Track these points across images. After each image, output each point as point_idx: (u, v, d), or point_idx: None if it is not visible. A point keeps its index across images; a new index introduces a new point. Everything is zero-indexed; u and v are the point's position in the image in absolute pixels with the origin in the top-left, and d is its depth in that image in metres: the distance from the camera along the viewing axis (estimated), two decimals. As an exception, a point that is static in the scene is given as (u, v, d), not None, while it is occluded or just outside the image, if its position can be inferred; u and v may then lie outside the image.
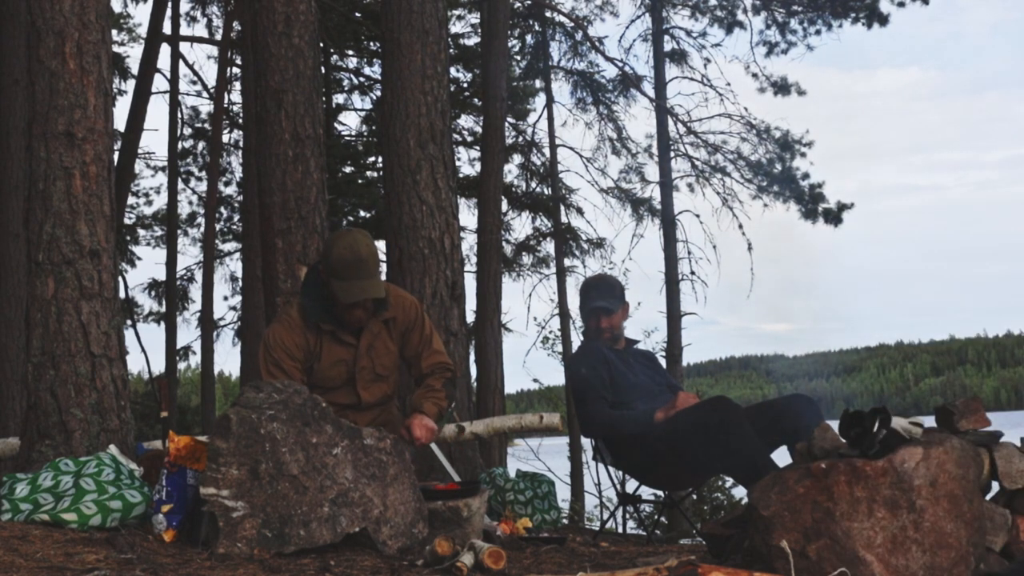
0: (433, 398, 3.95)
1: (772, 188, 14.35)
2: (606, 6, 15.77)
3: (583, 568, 3.05)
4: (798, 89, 14.60)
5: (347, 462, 3.23)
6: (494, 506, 4.75)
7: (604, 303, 4.60)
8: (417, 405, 3.92)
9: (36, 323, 4.48)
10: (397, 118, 6.11)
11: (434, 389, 3.98)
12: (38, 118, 4.61)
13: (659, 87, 14.76)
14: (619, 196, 15.50)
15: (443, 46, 6.34)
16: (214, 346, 16.24)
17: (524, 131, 16.30)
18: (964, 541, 2.59)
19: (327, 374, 3.88)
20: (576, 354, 4.83)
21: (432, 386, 3.99)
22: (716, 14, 14.74)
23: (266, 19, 5.78)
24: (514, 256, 15.96)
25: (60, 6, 4.65)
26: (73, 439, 4.36)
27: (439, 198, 6.05)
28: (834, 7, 13.87)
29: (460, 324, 6.09)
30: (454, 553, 2.89)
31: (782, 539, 2.55)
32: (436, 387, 3.99)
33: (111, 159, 4.82)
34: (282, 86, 5.71)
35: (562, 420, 6.09)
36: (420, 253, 5.95)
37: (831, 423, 2.96)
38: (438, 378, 4.02)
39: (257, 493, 3.06)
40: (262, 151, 5.82)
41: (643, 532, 6.28)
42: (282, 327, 3.88)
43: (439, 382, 4.01)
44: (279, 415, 3.17)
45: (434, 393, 3.97)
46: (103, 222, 4.63)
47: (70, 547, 2.93)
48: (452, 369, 4.10)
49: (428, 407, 3.91)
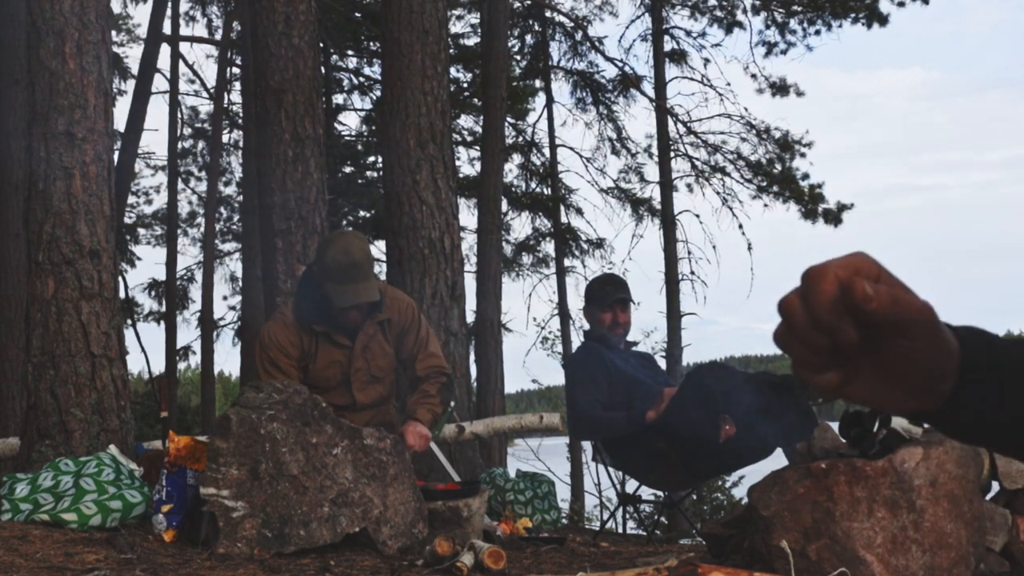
0: (427, 404, 3.93)
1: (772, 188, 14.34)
2: (606, 6, 15.77)
3: (583, 568, 3.05)
4: (797, 90, 14.60)
5: (347, 462, 3.23)
6: (494, 506, 4.75)
7: (624, 295, 4.61)
8: (411, 412, 3.91)
9: (36, 323, 4.48)
10: (397, 118, 6.11)
11: (428, 395, 3.96)
12: (38, 118, 4.61)
13: (659, 87, 14.75)
14: (619, 196, 15.50)
15: (443, 46, 6.34)
16: (214, 346, 16.26)
17: (524, 131, 16.30)
18: (964, 541, 2.59)
19: (322, 375, 3.88)
20: (574, 355, 4.83)
21: (427, 392, 3.97)
22: (716, 14, 14.73)
23: (266, 19, 5.78)
24: (514, 256, 15.95)
25: (60, 6, 4.65)
26: (73, 439, 4.36)
27: (439, 198, 6.05)
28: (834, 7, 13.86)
29: (460, 324, 6.09)
30: (454, 553, 2.89)
31: (782, 539, 2.55)
32: (431, 393, 3.97)
33: (111, 159, 4.82)
34: (282, 86, 5.71)
35: (562, 420, 6.09)
36: (420, 253, 5.95)
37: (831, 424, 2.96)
38: (433, 383, 4.00)
39: (257, 493, 3.06)
40: (262, 151, 5.82)
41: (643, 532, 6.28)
42: (277, 325, 3.88)
43: (434, 387, 3.99)
44: (279, 415, 3.17)
45: (428, 399, 3.95)
46: (103, 222, 4.63)
47: (70, 547, 2.93)
48: (448, 373, 4.08)
49: (422, 414, 3.89)
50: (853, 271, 0.68)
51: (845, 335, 0.69)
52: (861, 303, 0.67)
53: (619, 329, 4.60)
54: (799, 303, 0.69)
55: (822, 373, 0.71)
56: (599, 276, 4.98)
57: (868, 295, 0.67)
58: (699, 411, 3.98)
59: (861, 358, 0.72)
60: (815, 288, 0.68)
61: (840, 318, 0.68)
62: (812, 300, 0.68)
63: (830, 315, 0.68)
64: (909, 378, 0.73)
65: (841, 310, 0.68)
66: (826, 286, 0.68)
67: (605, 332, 4.60)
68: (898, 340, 0.70)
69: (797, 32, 14.43)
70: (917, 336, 0.70)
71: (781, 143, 14.42)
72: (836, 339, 0.69)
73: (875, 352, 0.71)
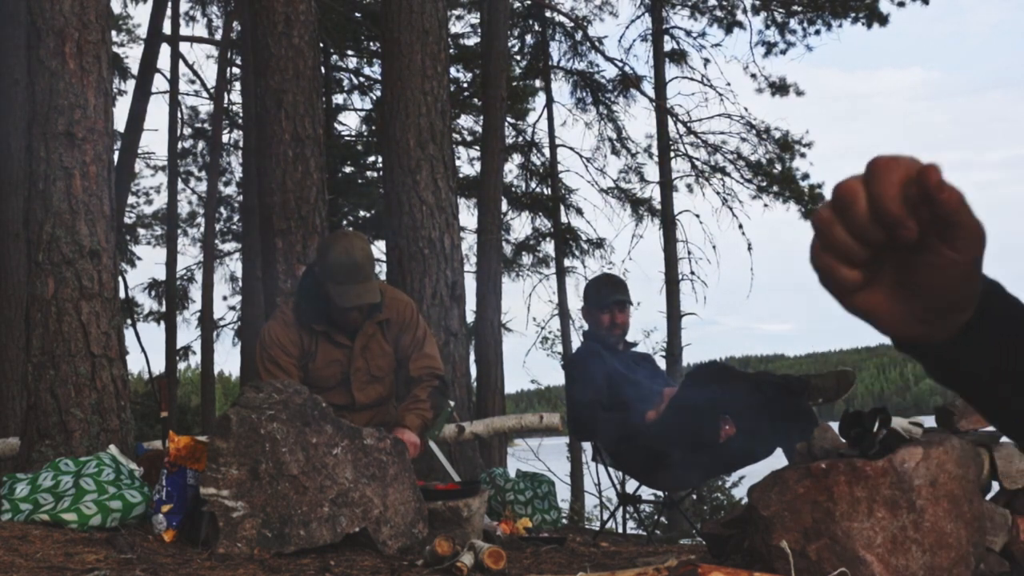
0: (416, 410, 3.93)
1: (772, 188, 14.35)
2: (606, 6, 15.78)
3: (583, 568, 3.05)
4: (797, 90, 14.61)
5: (347, 462, 3.23)
6: (494, 506, 4.75)
7: (622, 296, 4.60)
8: (399, 419, 3.91)
9: (36, 323, 4.48)
10: (397, 118, 6.11)
11: (419, 400, 3.96)
12: (38, 118, 4.61)
13: (659, 87, 14.76)
14: (619, 196, 15.51)
15: (443, 46, 6.35)
16: (214, 346, 16.26)
17: (524, 131, 16.30)
18: (964, 541, 2.59)
19: (321, 374, 3.88)
20: (573, 356, 4.83)
21: (417, 396, 3.97)
22: (716, 14, 14.74)
23: (266, 19, 5.78)
24: (514, 256, 15.95)
25: (60, 6, 4.65)
26: (73, 439, 4.36)
27: (439, 198, 6.05)
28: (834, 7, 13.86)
29: (460, 324, 6.09)
30: (454, 553, 2.89)
31: (782, 539, 2.55)
32: (421, 398, 3.96)
33: (111, 159, 4.82)
34: (282, 86, 5.71)
35: (562, 420, 6.09)
36: (420, 253, 5.95)
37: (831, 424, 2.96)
38: (424, 387, 3.99)
39: (257, 493, 3.06)
40: (262, 151, 5.82)
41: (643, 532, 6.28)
42: (278, 324, 3.89)
43: (425, 392, 3.98)
44: (279, 415, 3.17)
45: (418, 404, 3.95)
46: (103, 222, 4.63)
47: (70, 547, 2.93)
48: (441, 376, 4.07)
49: (411, 420, 3.89)
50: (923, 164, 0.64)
51: (908, 230, 0.64)
52: (935, 192, 0.63)
53: (617, 330, 4.60)
54: (863, 189, 0.64)
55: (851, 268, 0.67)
56: (597, 277, 4.97)
57: (944, 183, 0.63)
58: (699, 411, 3.99)
59: (888, 264, 0.68)
60: (886, 175, 0.64)
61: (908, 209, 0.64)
62: (880, 188, 0.64)
63: (898, 205, 0.64)
64: (935, 296, 0.68)
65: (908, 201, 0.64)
66: (899, 174, 0.63)
67: (604, 333, 4.60)
68: (946, 248, 0.65)
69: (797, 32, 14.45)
70: (967, 248, 0.65)
71: (781, 143, 14.42)
72: (896, 233, 0.65)
73: (908, 260, 0.67)
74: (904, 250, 0.66)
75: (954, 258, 0.66)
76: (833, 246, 0.66)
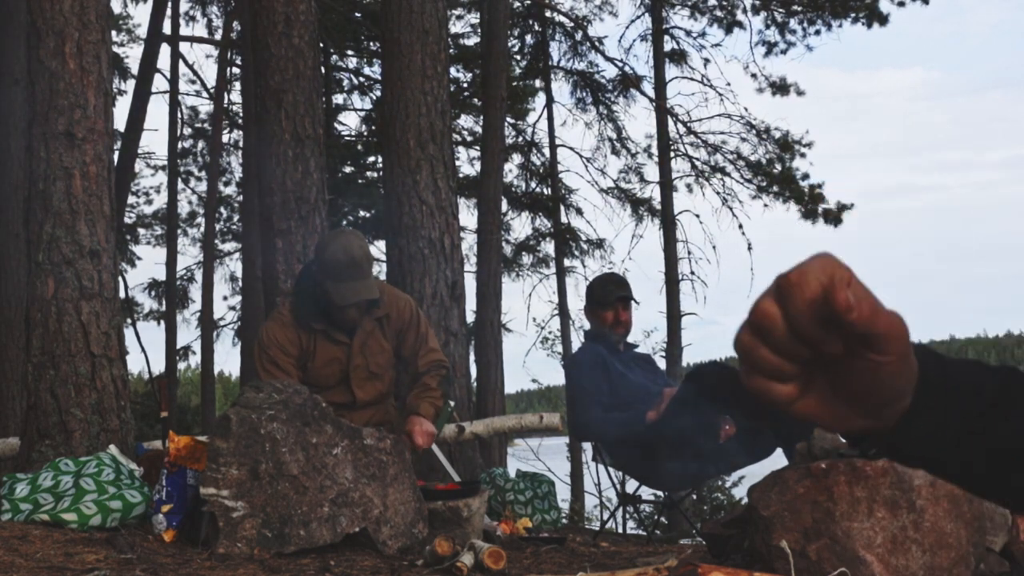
0: (429, 398, 3.96)
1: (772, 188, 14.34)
2: (606, 6, 15.77)
3: (583, 568, 3.05)
4: (797, 89, 14.60)
5: (347, 462, 3.23)
6: (494, 506, 4.75)
7: (626, 293, 4.61)
8: (413, 407, 3.92)
9: (36, 323, 4.48)
10: (397, 118, 6.11)
11: (430, 388, 3.98)
12: (38, 118, 4.62)
13: (659, 87, 14.75)
14: (619, 196, 15.50)
15: (443, 46, 6.35)
16: (214, 346, 16.25)
17: (524, 131, 16.29)
18: (964, 541, 2.59)
19: (321, 373, 3.89)
20: (574, 356, 4.83)
21: (428, 385, 3.99)
22: (716, 14, 14.74)
23: (266, 19, 5.78)
24: (514, 256, 15.95)
25: (60, 6, 4.65)
26: (73, 439, 4.36)
27: (439, 198, 6.05)
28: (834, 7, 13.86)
29: (460, 324, 6.09)
30: (454, 553, 2.89)
31: (782, 539, 2.55)
32: (432, 386, 3.99)
33: (111, 159, 4.82)
34: (282, 86, 5.71)
35: (562, 420, 6.09)
36: (420, 253, 5.95)
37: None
38: (433, 376, 4.02)
39: (257, 493, 3.06)
40: (262, 151, 5.82)
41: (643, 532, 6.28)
42: (276, 324, 3.89)
43: (435, 380, 4.01)
44: (279, 415, 3.17)
45: (430, 392, 3.97)
46: (103, 222, 4.63)
47: (70, 547, 2.93)
48: (447, 366, 4.11)
49: (425, 408, 3.91)
50: (831, 277, 0.63)
51: (829, 347, 0.64)
52: (842, 313, 0.62)
53: (620, 328, 4.60)
54: (778, 311, 0.64)
55: (784, 384, 0.67)
56: (601, 275, 4.99)
57: (849, 304, 0.62)
58: (699, 411, 3.99)
59: (819, 371, 0.67)
60: (797, 296, 0.63)
61: (825, 328, 0.64)
62: (794, 309, 0.63)
63: (814, 325, 0.63)
64: (870, 395, 0.68)
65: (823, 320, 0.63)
66: (810, 294, 0.63)
67: (606, 331, 4.60)
68: (870, 354, 0.65)
69: (797, 32, 14.44)
70: (891, 350, 0.66)
71: (781, 143, 14.42)
72: (820, 350, 0.65)
73: (838, 366, 0.67)
74: (832, 357, 0.66)
75: (880, 360, 0.66)
76: (761, 368, 0.66)
